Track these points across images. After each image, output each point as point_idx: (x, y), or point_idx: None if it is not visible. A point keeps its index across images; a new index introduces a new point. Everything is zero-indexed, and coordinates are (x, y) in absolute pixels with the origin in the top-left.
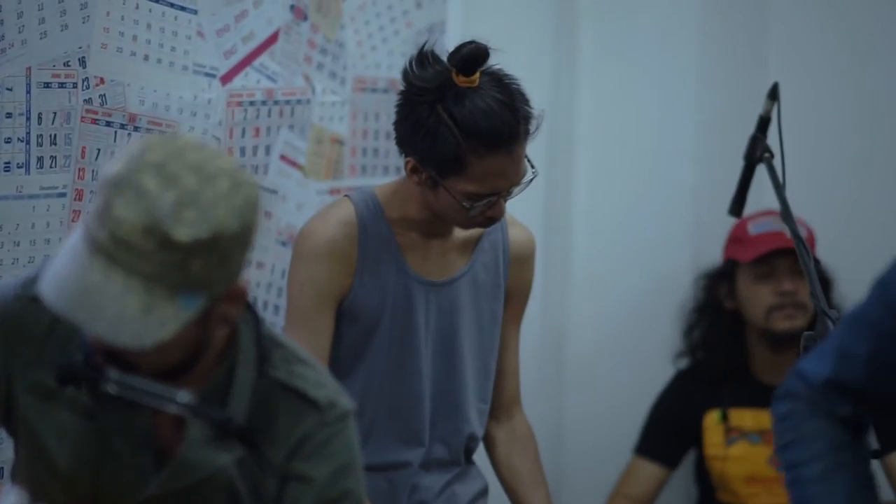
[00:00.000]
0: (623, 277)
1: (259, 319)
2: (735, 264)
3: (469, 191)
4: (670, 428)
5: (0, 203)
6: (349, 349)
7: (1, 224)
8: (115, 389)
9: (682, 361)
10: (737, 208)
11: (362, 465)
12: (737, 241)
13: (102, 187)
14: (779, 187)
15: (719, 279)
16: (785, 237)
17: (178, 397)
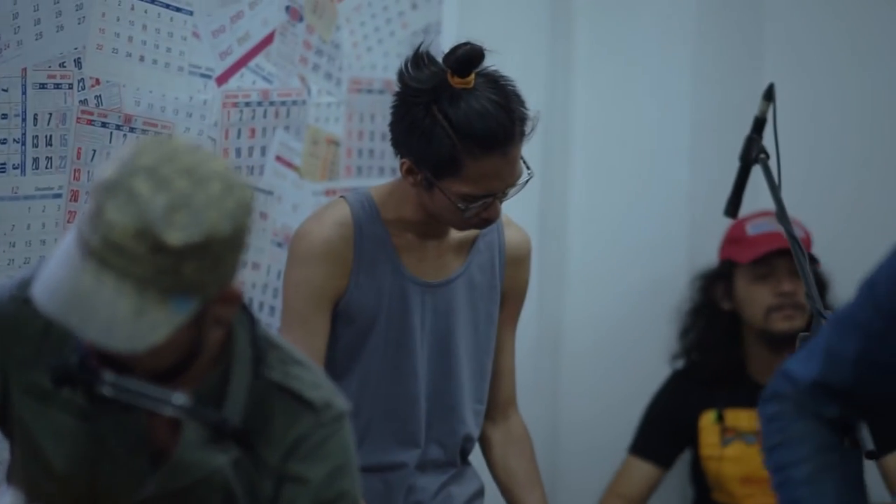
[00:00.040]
0: (618, 278)
1: (254, 321)
2: (733, 265)
3: (464, 192)
4: (665, 428)
5: None
6: (345, 350)
7: None
8: (110, 392)
9: (679, 362)
10: (732, 209)
11: (358, 466)
12: (735, 242)
13: (95, 191)
14: (774, 188)
15: (716, 280)
16: (784, 238)
17: (174, 399)
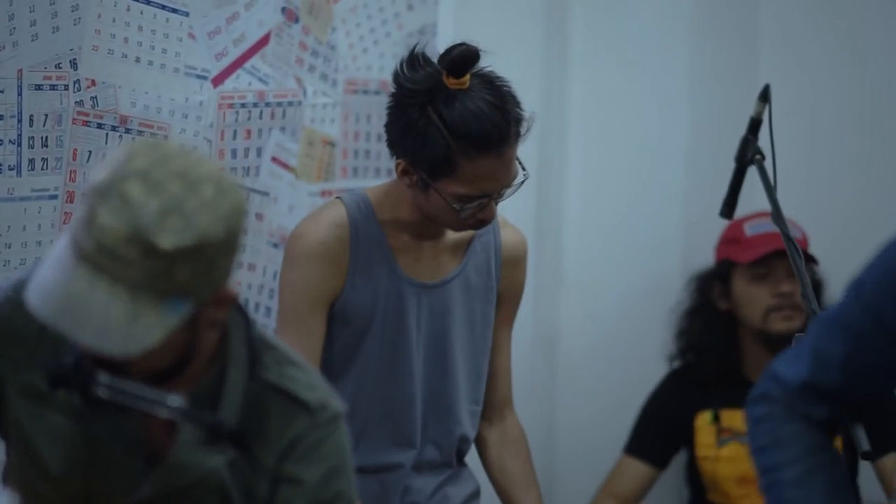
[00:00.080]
0: (614, 279)
1: (250, 322)
2: (731, 265)
3: (460, 193)
4: (661, 428)
5: None
6: (341, 351)
7: None
8: (106, 394)
9: (675, 363)
10: (728, 210)
11: (354, 467)
12: (732, 242)
13: (88, 195)
14: (770, 189)
15: (713, 280)
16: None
17: (169, 401)
